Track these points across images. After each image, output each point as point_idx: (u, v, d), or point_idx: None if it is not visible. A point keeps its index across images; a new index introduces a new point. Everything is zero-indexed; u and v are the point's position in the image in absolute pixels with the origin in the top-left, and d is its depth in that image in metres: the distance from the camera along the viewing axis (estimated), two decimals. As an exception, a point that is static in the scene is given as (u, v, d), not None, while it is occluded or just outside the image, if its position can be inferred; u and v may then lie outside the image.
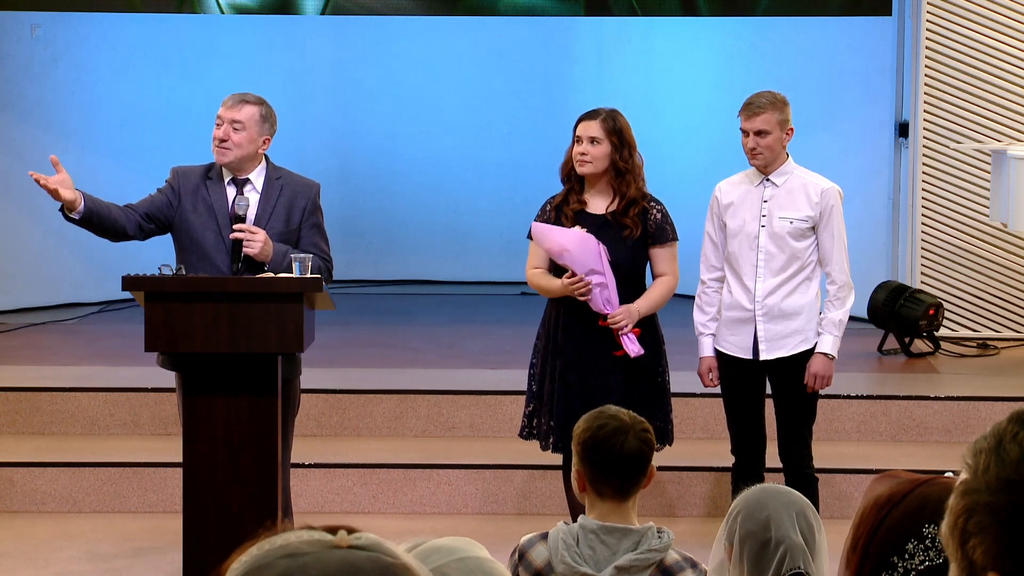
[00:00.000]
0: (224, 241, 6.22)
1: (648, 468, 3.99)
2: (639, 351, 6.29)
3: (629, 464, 3.94)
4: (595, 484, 3.93)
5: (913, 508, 2.41)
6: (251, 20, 11.59)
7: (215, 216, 6.25)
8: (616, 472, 3.92)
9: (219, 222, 6.25)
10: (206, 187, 6.29)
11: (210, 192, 6.28)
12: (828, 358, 6.49)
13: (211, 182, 6.30)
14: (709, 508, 7.63)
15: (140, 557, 7.03)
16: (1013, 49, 9.98)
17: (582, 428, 4.01)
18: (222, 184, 6.30)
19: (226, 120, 6.27)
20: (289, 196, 6.32)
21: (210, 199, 6.26)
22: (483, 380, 8.70)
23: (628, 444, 3.94)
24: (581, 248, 6.25)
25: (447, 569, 2.04)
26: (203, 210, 6.23)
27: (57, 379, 8.57)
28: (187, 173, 6.36)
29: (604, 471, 3.92)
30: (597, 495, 3.94)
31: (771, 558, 3.40)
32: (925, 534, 2.40)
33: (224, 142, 6.26)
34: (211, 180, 6.31)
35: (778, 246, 6.47)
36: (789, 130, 6.50)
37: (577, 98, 10.94)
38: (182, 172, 6.38)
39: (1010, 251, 10.09)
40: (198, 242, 6.22)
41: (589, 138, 6.37)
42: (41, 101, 11.28)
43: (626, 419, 4.01)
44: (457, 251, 12.58)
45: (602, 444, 3.93)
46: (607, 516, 3.92)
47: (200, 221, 6.23)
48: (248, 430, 5.81)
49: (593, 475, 3.93)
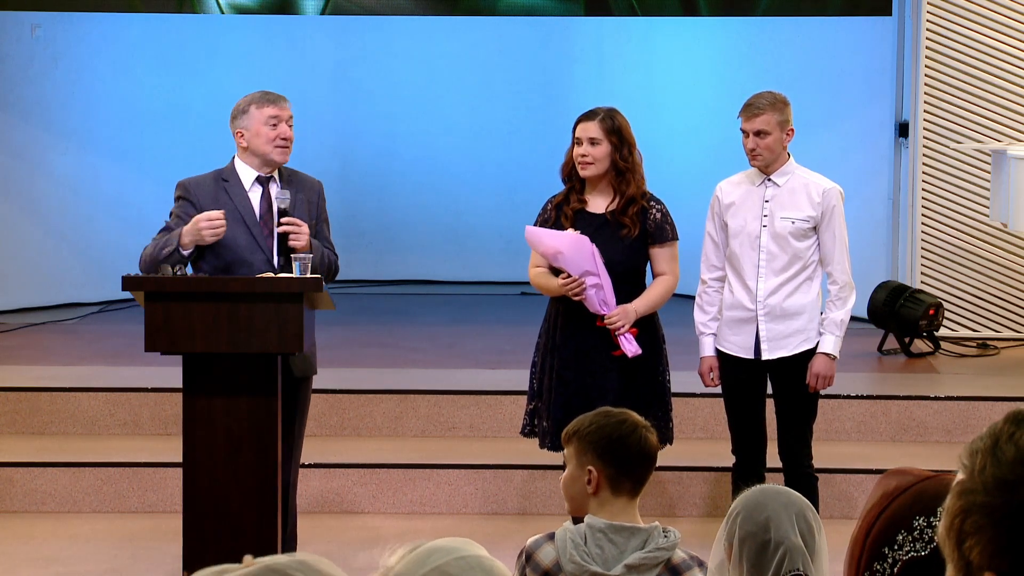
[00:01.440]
0: (258, 240, 6.24)
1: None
2: (636, 351, 6.29)
3: (649, 459, 4.01)
4: (614, 481, 3.95)
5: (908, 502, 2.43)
6: (251, 20, 11.60)
7: (242, 218, 6.25)
8: (639, 468, 3.98)
9: (247, 222, 6.25)
10: (226, 192, 6.28)
11: (231, 196, 6.27)
12: (830, 358, 6.49)
13: (228, 185, 6.29)
14: (709, 508, 7.63)
15: (140, 557, 7.03)
16: (1013, 49, 9.98)
17: (592, 428, 4.01)
18: (241, 185, 6.30)
19: (283, 119, 6.31)
20: (306, 192, 6.39)
21: (233, 202, 6.26)
22: (483, 380, 8.70)
23: (650, 440, 4.01)
24: (574, 250, 6.25)
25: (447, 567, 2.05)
26: (229, 215, 6.22)
27: (57, 379, 8.57)
28: (199, 184, 6.32)
29: (626, 467, 3.96)
30: (613, 493, 3.95)
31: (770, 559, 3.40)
32: (915, 526, 2.41)
33: (287, 140, 6.31)
34: (227, 183, 6.30)
35: (779, 246, 6.47)
36: (789, 131, 6.50)
37: (577, 98, 10.94)
38: (194, 184, 6.33)
39: (1010, 251, 10.09)
40: (230, 247, 6.21)
41: (589, 139, 6.37)
42: (41, 101, 11.28)
43: (636, 417, 4.07)
44: (457, 251, 12.58)
45: (625, 440, 3.98)
46: (617, 515, 3.94)
47: (230, 227, 6.21)
48: (248, 430, 5.81)
49: (615, 472, 3.95)
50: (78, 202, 11.43)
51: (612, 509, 3.96)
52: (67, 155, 11.43)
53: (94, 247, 11.46)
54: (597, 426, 4.01)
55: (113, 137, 11.58)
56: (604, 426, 4.01)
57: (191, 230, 6.11)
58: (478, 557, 2.09)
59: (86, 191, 11.46)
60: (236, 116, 6.35)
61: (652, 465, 4.02)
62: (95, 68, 11.53)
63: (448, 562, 2.07)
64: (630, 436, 3.98)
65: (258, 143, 6.29)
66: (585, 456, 3.98)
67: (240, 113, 6.34)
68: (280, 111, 6.32)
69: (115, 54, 11.62)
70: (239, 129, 6.32)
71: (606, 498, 3.97)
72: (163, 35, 11.74)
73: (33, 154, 11.27)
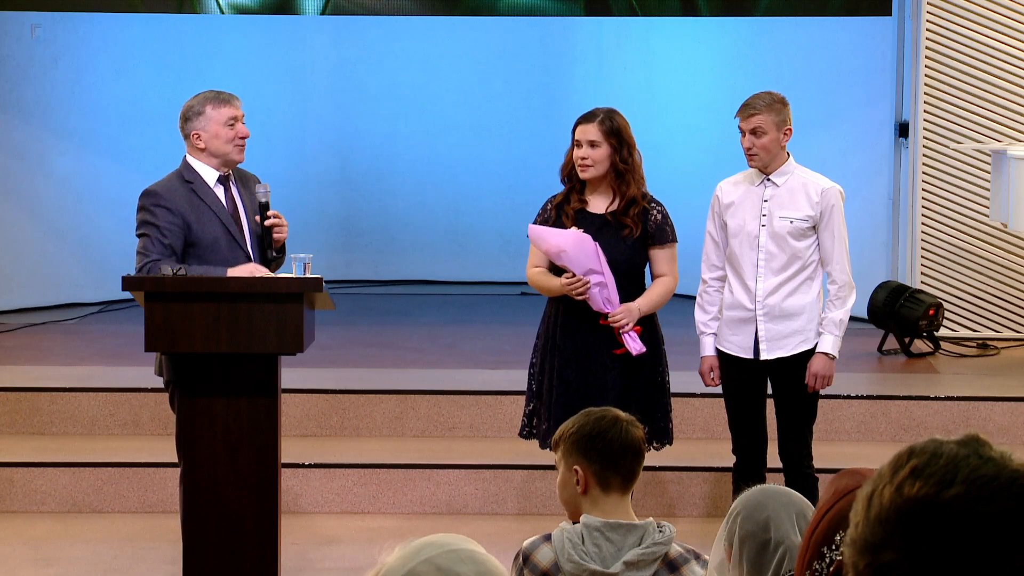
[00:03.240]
0: (236, 239, 6.24)
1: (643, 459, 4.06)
2: (640, 349, 6.29)
3: (634, 452, 3.99)
4: (601, 477, 3.96)
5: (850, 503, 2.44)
6: (251, 20, 11.59)
7: (218, 217, 6.24)
8: (624, 461, 3.97)
9: (224, 221, 6.25)
10: (195, 194, 6.26)
11: (202, 197, 6.25)
12: (829, 358, 6.49)
13: (194, 186, 6.26)
14: (709, 508, 7.63)
15: (140, 557, 7.03)
16: (1013, 49, 9.98)
17: (574, 429, 4.02)
18: (207, 186, 6.29)
19: (240, 119, 6.31)
20: (251, 188, 6.42)
21: (205, 203, 6.25)
22: (483, 380, 8.70)
23: (629, 432, 4.00)
24: (578, 248, 6.26)
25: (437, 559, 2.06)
26: (205, 216, 6.21)
27: (57, 379, 8.57)
28: (168, 188, 6.24)
29: (611, 462, 3.96)
30: (603, 490, 3.96)
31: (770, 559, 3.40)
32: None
33: (245, 139, 6.31)
34: (192, 184, 6.27)
35: (779, 246, 6.47)
36: (787, 130, 6.49)
37: (577, 98, 10.94)
38: (163, 189, 6.24)
39: (1010, 251, 10.09)
40: (212, 247, 6.20)
41: (588, 142, 6.37)
42: (41, 101, 11.28)
43: (618, 412, 4.07)
44: (457, 251, 12.58)
45: (605, 435, 3.98)
46: (611, 513, 3.94)
47: (208, 228, 6.20)
48: (248, 430, 5.81)
49: (599, 468, 3.95)
50: (78, 202, 11.43)
51: (604, 507, 3.96)
52: (67, 155, 11.43)
53: (94, 247, 11.46)
54: (578, 426, 4.03)
55: (113, 137, 11.58)
56: (584, 424, 4.02)
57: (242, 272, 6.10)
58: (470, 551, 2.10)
59: (86, 191, 11.46)
60: (190, 118, 6.28)
61: (638, 458, 4.01)
62: (95, 68, 11.53)
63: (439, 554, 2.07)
64: (610, 430, 3.99)
65: (217, 144, 6.27)
66: (571, 457, 4.00)
67: (195, 115, 6.28)
68: (237, 111, 6.32)
69: (115, 54, 11.62)
70: (196, 131, 6.27)
71: (597, 496, 3.97)
72: (163, 35, 11.73)
73: (33, 154, 11.27)
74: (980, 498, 1.59)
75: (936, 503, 1.61)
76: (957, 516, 1.59)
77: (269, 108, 11.75)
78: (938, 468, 1.62)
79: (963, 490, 1.60)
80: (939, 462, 1.63)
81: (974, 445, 1.64)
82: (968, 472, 1.61)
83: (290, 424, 8.04)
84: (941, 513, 1.60)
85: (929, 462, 1.63)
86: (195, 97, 6.36)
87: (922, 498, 1.61)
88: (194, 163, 6.29)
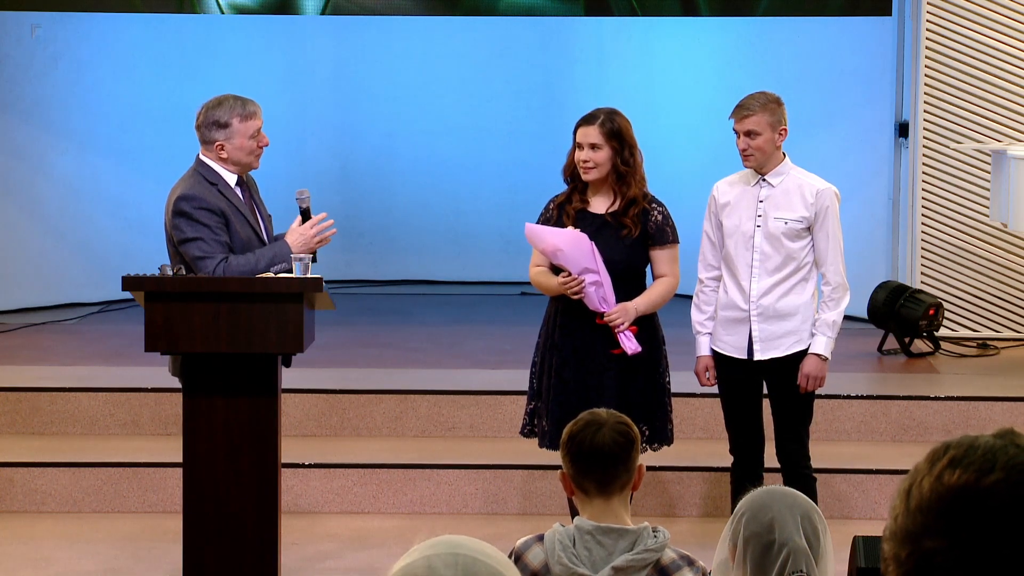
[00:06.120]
0: (262, 239, 6.30)
1: (630, 463, 3.94)
2: (636, 349, 6.29)
3: (605, 457, 3.90)
4: (578, 481, 3.94)
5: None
6: (251, 20, 11.59)
7: (245, 218, 6.27)
8: (595, 466, 3.90)
9: (251, 222, 6.28)
10: (225, 197, 6.26)
11: (229, 199, 6.27)
12: (821, 359, 6.48)
13: (219, 187, 6.28)
14: (708, 508, 7.63)
15: (140, 557, 7.03)
16: (1013, 49, 9.97)
17: (565, 430, 4.02)
18: (230, 186, 6.30)
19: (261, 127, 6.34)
20: (254, 189, 6.46)
21: (233, 205, 6.26)
22: (483, 380, 8.69)
23: (601, 436, 3.92)
24: (573, 247, 6.26)
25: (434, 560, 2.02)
26: (236, 217, 6.23)
27: (57, 379, 8.57)
28: (204, 190, 6.21)
29: (583, 466, 3.92)
30: (584, 493, 3.94)
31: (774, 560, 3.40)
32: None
33: (264, 147, 6.35)
34: (217, 186, 6.28)
35: (773, 246, 6.47)
36: (782, 130, 6.49)
37: (577, 98, 10.95)
38: (199, 192, 6.21)
39: (1010, 251, 10.09)
40: (245, 247, 6.21)
41: (589, 144, 6.37)
42: (41, 101, 11.28)
43: (603, 415, 3.99)
44: (457, 251, 12.58)
45: (576, 437, 3.94)
46: (599, 516, 3.91)
47: (241, 228, 6.22)
48: (248, 430, 5.81)
49: (575, 472, 3.94)
50: (78, 202, 11.43)
51: (592, 510, 3.93)
52: (67, 155, 11.42)
53: (94, 247, 11.46)
54: (567, 427, 4.02)
55: (113, 137, 11.58)
56: (570, 426, 4.00)
57: (300, 241, 6.13)
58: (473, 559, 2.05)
59: (86, 191, 11.46)
60: (215, 128, 6.24)
61: (609, 464, 3.90)
62: (95, 68, 11.52)
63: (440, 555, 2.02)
64: (580, 434, 3.93)
65: (241, 155, 6.28)
66: (562, 459, 4.00)
67: (221, 127, 6.24)
68: (260, 120, 6.35)
69: (115, 54, 11.61)
70: (220, 143, 6.23)
71: (582, 499, 3.96)
72: (163, 35, 11.73)
73: (33, 154, 11.27)
74: (1020, 482, 1.63)
75: (977, 489, 1.64)
76: (998, 501, 1.63)
77: (269, 108, 11.65)
78: (976, 457, 1.66)
79: (1003, 476, 1.63)
80: (977, 452, 1.66)
81: (1010, 436, 1.68)
82: (1007, 459, 1.65)
83: (290, 424, 8.04)
84: (982, 499, 1.63)
85: (967, 452, 1.67)
86: (219, 104, 6.30)
87: (963, 485, 1.64)
88: (212, 165, 6.29)
